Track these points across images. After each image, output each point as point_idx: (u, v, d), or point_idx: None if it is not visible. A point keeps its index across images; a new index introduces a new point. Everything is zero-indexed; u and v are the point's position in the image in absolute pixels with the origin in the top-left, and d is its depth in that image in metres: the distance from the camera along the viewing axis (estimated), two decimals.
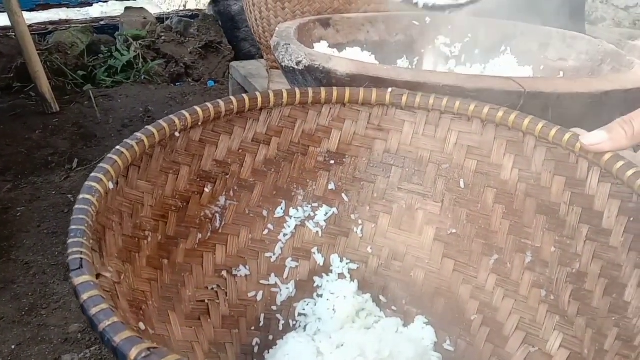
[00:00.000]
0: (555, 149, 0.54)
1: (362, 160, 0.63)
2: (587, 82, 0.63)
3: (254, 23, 1.20)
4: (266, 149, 0.60)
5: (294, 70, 0.73)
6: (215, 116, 0.56)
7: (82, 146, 1.54)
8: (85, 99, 1.81)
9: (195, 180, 0.56)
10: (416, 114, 0.61)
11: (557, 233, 0.52)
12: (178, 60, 2.11)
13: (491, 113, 0.57)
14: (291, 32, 0.85)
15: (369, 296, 0.60)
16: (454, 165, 0.60)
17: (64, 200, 1.29)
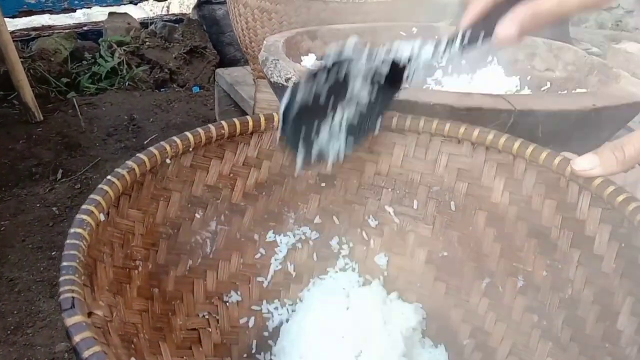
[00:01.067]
0: (546, 173, 0.54)
1: (352, 182, 0.62)
2: (577, 99, 0.63)
3: (240, 33, 1.20)
4: (257, 172, 0.60)
5: (283, 87, 0.73)
6: (206, 141, 0.55)
7: (67, 156, 1.52)
8: (69, 107, 1.79)
9: (186, 206, 0.55)
10: (406, 137, 0.61)
11: (548, 257, 0.52)
12: (163, 66, 2.10)
13: (481, 136, 0.57)
14: (279, 45, 0.85)
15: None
16: (445, 188, 0.60)
17: (48, 213, 1.28)
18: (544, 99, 0.62)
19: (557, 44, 0.94)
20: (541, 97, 0.62)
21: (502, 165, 0.57)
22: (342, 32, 0.99)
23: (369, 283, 0.61)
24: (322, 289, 0.60)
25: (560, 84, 0.90)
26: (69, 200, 1.33)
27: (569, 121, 0.62)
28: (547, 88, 0.92)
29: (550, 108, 0.60)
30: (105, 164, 1.49)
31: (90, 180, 1.42)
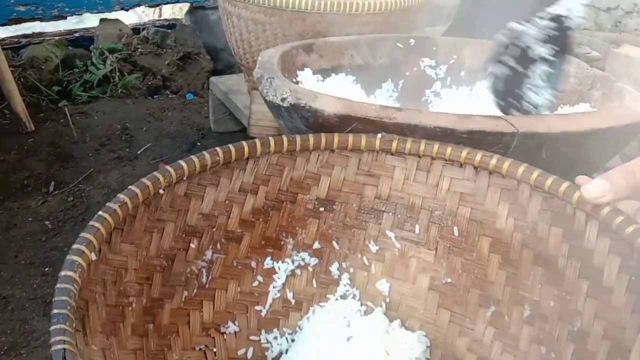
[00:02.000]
0: (552, 199, 0.52)
1: (352, 206, 0.61)
2: (581, 119, 0.62)
3: (234, 44, 1.18)
4: (254, 198, 0.58)
5: (278, 107, 0.71)
6: (200, 169, 0.54)
7: (59, 167, 1.50)
8: (61, 116, 1.76)
9: (181, 236, 0.53)
10: (407, 160, 0.60)
11: (555, 287, 0.51)
12: (155, 73, 2.07)
13: (484, 160, 0.56)
14: (274, 62, 0.83)
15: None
16: (447, 212, 0.59)
17: (41, 227, 1.25)
18: (547, 120, 0.60)
19: None
20: (544, 118, 0.61)
21: (506, 191, 0.56)
22: (338, 45, 0.98)
23: (371, 311, 0.59)
24: (322, 317, 0.59)
25: (562, 97, 0.89)
26: (61, 214, 1.30)
27: (573, 142, 0.61)
28: None
29: (554, 130, 0.59)
30: (98, 175, 1.47)
31: (83, 192, 1.39)
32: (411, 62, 1.02)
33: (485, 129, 0.58)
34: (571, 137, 0.60)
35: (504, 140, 0.59)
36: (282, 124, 0.78)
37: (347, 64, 0.98)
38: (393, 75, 1.01)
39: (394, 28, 1.09)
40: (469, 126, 0.58)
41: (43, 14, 2.04)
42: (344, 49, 0.98)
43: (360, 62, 0.99)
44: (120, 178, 1.46)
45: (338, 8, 1.01)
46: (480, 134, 0.58)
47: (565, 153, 0.62)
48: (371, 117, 0.60)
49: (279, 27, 1.05)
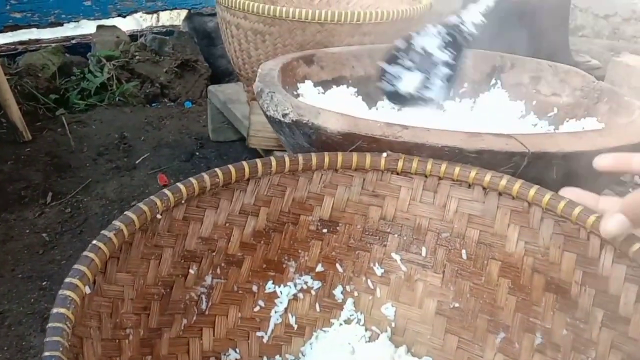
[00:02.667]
0: (564, 223, 0.51)
1: (356, 228, 0.59)
2: (593, 138, 0.60)
3: (233, 54, 1.16)
4: (255, 220, 0.56)
5: (279, 122, 0.69)
6: (199, 191, 0.52)
7: (56, 177, 1.48)
8: (58, 125, 1.74)
9: (179, 262, 0.51)
10: (413, 180, 0.58)
11: (568, 315, 0.49)
12: (153, 80, 2.05)
13: (493, 181, 0.54)
14: (275, 75, 0.81)
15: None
16: (455, 234, 0.57)
17: (38, 239, 1.23)
18: (558, 139, 0.58)
19: (563, 68, 0.91)
20: (555, 137, 0.59)
21: (516, 213, 0.54)
22: (339, 56, 0.96)
23: (376, 336, 0.57)
24: (325, 343, 0.57)
25: (568, 111, 0.87)
26: (59, 226, 1.28)
27: (584, 162, 0.59)
28: (554, 114, 0.89)
29: (565, 150, 0.57)
30: (96, 186, 1.44)
31: (81, 203, 1.37)
32: None
33: (494, 149, 0.56)
34: (582, 156, 0.58)
35: (514, 160, 0.57)
36: (283, 139, 0.76)
37: (348, 75, 0.97)
38: None
39: (395, 38, 1.07)
40: (478, 145, 0.56)
41: (39, 20, 2.02)
42: (345, 59, 0.97)
43: (361, 73, 0.98)
44: (119, 189, 1.44)
45: (339, 18, 1.00)
46: (490, 154, 0.57)
47: (575, 172, 0.60)
48: (376, 136, 0.59)
49: (278, 37, 1.04)
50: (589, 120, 0.82)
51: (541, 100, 0.91)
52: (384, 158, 0.58)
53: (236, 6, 1.03)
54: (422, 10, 1.09)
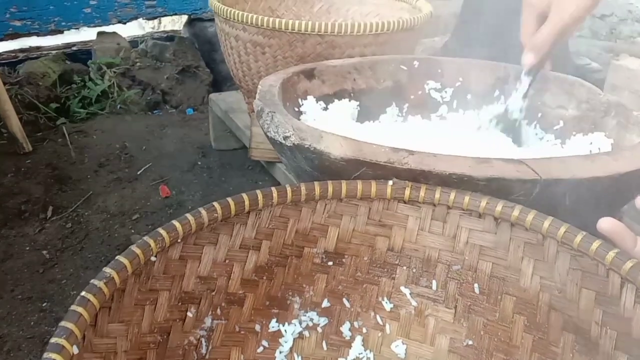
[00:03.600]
0: (582, 258, 0.48)
1: (363, 260, 0.56)
2: (607, 163, 0.57)
3: (232, 66, 1.13)
4: (256, 255, 0.54)
5: (281, 144, 0.67)
6: (197, 228, 0.49)
7: (57, 190, 1.45)
8: (59, 135, 1.72)
9: (176, 305, 0.49)
10: (421, 209, 0.55)
11: (589, 357, 0.46)
12: (155, 87, 2.03)
13: (505, 211, 0.52)
14: (275, 92, 0.78)
15: None
16: (466, 267, 0.54)
17: (38, 257, 1.21)
18: (570, 164, 0.55)
19: (568, 79, 0.88)
20: (567, 161, 0.56)
21: (530, 245, 0.51)
22: (340, 69, 0.93)
23: None
24: None
25: (574, 124, 0.84)
26: (59, 242, 1.26)
27: (597, 187, 0.56)
28: (560, 127, 0.86)
29: (579, 176, 0.54)
30: (97, 199, 1.42)
31: (82, 217, 1.35)
32: (416, 85, 0.97)
33: (505, 176, 0.54)
34: (595, 182, 0.55)
35: (525, 187, 0.54)
36: (285, 160, 0.74)
37: (350, 89, 0.94)
38: (397, 99, 0.96)
39: (396, 48, 1.05)
40: (488, 173, 0.54)
41: (39, 28, 2.00)
42: (346, 72, 0.94)
43: (363, 86, 0.95)
44: (120, 201, 1.41)
45: (339, 30, 0.97)
46: (500, 181, 0.54)
47: (589, 198, 0.57)
48: (381, 162, 0.56)
49: (278, 50, 1.01)
50: (597, 135, 0.79)
51: (546, 113, 0.88)
52: (390, 186, 0.55)
53: (235, 18, 1.00)
54: (423, 20, 1.06)
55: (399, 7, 1.28)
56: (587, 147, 0.79)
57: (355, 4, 1.36)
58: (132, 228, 1.31)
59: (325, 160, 0.60)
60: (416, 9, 1.21)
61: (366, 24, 0.98)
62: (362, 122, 0.93)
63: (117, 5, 2.07)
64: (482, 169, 0.54)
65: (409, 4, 1.24)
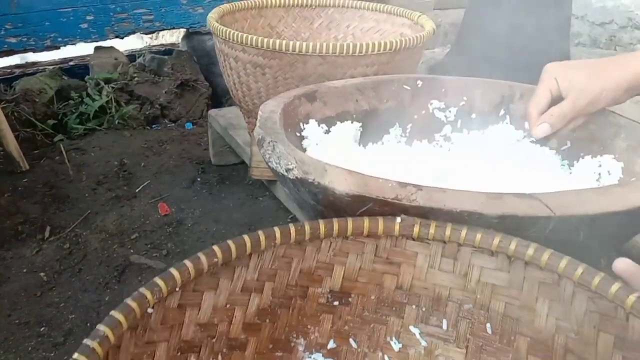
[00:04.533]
0: (600, 300, 0.46)
1: (370, 298, 0.54)
2: (621, 195, 0.55)
3: (232, 87, 1.12)
4: (258, 297, 0.51)
5: (283, 176, 0.65)
6: (196, 274, 0.47)
7: (55, 210, 1.43)
8: (56, 152, 1.70)
9: (176, 355, 0.47)
10: (430, 245, 0.53)
11: None
12: (153, 102, 2.01)
13: (519, 250, 0.50)
14: (276, 119, 0.77)
15: None
16: (478, 306, 0.52)
17: (35, 280, 1.19)
18: (585, 199, 0.54)
19: None
20: (581, 195, 0.54)
21: (545, 285, 0.49)
22: (342, 90, 0.91)
23: None
24: None
25: (582, 145, 0.82)
26: (57, 264, 1.24)
27: (611, 222, 0.54)
28: (567, 147, 0.84)
29: (592, 211, 0.52)
30: (95, 218, 1.40)
31: (80, 237, 1.33)
32: (419, 105, 0.95)
33: (518, 213, 0.52)
34: (610, 216, 0.53)
35: (538, 225, 0.52)
36: (287, 192, 0.72)
37: (352, 110, 0.92)
38: (401, 119, 0.95)
39: (399, 66, 1.03)
40: (500, 210, 0.52)
41: (35, 44, 1.98)
42: (348, 93, 0.92)
43: (366, 107, 0.93)
44: (119, 220, 1.39)
45: (341, 50, 0.95)
46: (513, 218, 0.52)
47: (603, 233, 0.56)
48: (388, 199, 0.54)
49: (279, 71, 0.99)
50: (606, 158, 0.78)
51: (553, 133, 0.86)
52: (398, 224, 0.53)
53: (234, 39, 0.99)
54: (426, 38, 1.04)
55: (400, 23, 1.26)
56: (596, 170, 0.78)
57: (355, 20, 1.34)
58: (131, 248, 1.29)
59: (329, 195, 0.58)
60: (418, 25, 1.19)
61: (368, 44, 0.96)
62: (366, 145, 0.91)
63: (114, 20, 2.05)
64: (493, 206, 0.52)
65: (411, 19, 1.22)
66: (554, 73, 0.78)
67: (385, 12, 1.30)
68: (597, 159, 0.78)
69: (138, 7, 2.09)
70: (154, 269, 1.21)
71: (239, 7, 1.27)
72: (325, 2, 1.35)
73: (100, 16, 2.03)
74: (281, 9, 1.34)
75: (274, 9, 1.34)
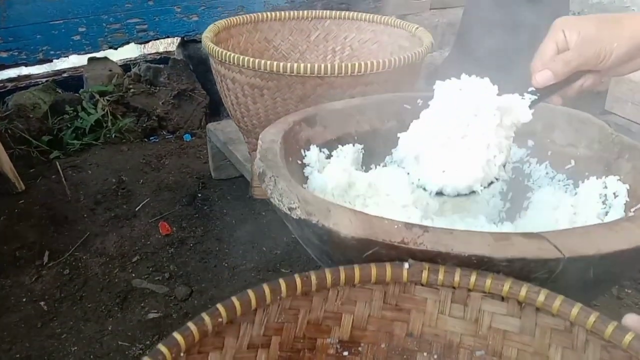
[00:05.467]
0: (614, 350, 0.45)
1: (380, 347, 0.53)
2: (631, 231, 0.54)
3: (230, 107, 1.10)
4: (265, 352, 0.50)
5: (286, 215, 0.63)
6: (200, 337, 0.46)
7: (53, 233, 1.42)
8: (52, 171, 1.68)
9: None
10: (440, 291, 0.52)
11: None
12: (150, 113, 1.99)
13: (530, 296, 0.49)
14: (276, 149, 0.76)
15: None
16: (491, 352, 0.51)
17: (36, 310, 1.17)
18: (595, 237, 0.53)
19: (578, 116, 0.85)
20: (591, 234, 0.53)
21: (557, 332, 0.48)
22: (342, 112, 0.90)
23: None
24: None
25: (587, 165, 0.81)
26: (57, 291, 1.22)
27: (622, 260, 0.53)
28: (571, 167, 0.83)
29: (604, 251, 0.51)
30: (94, 240, 1.39)
31: (80, 262, 1.31)
32: None
33: (527, 257, 0.51)
34: (620, 255, 0.52)
35: (548, 267, 0.51)
36: (291, 228, 0.70)
37: (353, 131, 0.91)
38: None
39: (398, 83, 1.02)
40: (509, 253, 0.51)
41: (27, 58, 1.95)
42: (348, 115, 0.91)
43: (367, 128, 0.92)
44: (119, 242, 1.38)
45: (339, 71, 0.94)
46: (522, 261, 0.51)
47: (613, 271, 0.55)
48: (395, 243, 0.53)
49: (277, 92, 0.98)
50: (611, 179, 0.76)
51: (556, 151, 0.86)
52: (406, 270, 0.52)
53: (230, 61, 0.97)
54: (424, 53, 1.03)
55: (397, 35, 1.25)
56: (602, 191, 0.77)
57: (353, 32, 1.33)
58: (132, 271, 1.28)
59: (334, 238, 0.57)
60: (416, 38, 1.18)
61: (367, 63, 0.95)
62: (368, 167, 0.90)
63: (107, 31, 2.02)
64: (502, 248, 0.51)
65: (408, 31, 1.21)
66: (562, 25, 0.72)
67: (382, 24, 1.29)
68: (602, 180, 0.77)
69: (131, 16, 2.06)
70: (157, 293, 1.20)
71: (234, 22, 1.25)
72: (321, 14, 1.34)
73: (93, 27, 2.01)
74: (277, 22, 1.33)
75: (270, 22, 1.32)
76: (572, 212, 0.74)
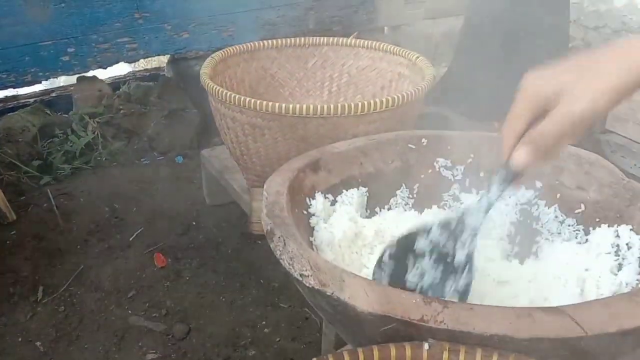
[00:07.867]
0: None
1: None
2: None
3: (230, 145, 1.08)
4: None
5: (298, 280, 0.62)
6: None
7: (46, 265, 1.39)
8: (43, 199, 1.65)
9: None
10: None
11: None
12: (140, 135, 1.96)
13: None
14: (283, 203, 0.75)
15: None
16: None
17: (32, 351, 1.14)
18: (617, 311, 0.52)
19: (587, 158, 0.84)
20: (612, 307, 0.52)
21: None
22: (345, 154, 0.88)
23: None
24: None
25: (597, 210, 0.80)
26: (53, 330, 1.19)
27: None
28: (582, 211, 0.82)
29: (626, 327, 0.50)
30: (89, 273, 1.36)
31: (75, 297, 1.28)
32: (425, 164, 0.93)
33: (549, 336, 0.49)
34: None
35: (570, 343, 0.50)
36: (302, 291, 0.68)
37: (357, 174, 0.90)
38: (407, 179, 0.92)
39: (401, 120, 1.00)
40: (531, 332, 0.49)
41: (15, 81, 1.91)
42: (352, 157, 0.89)
43: (371, 170, 0.90)
44: (114, 275, 1.35)
45: (342, 111, 0.92)
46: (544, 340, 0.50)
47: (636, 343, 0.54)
48: (414, 320, 0.51)
49: (279, 132, 0.96)
50: (623, 229, 0.75)
51: (565, 194, 0.84)
52: (427, 351, 0.50)
53: (231, 101, 0.95)
54: (426, 88, 1.02)
55: (397, 62, 1.23)
56: (614, 241, 0.75)
57: (350, 58, 1.31)
58: (128, 308, 1.25)
59: (350, 312, 0.55)
60: (416, 67, 1.17)
61: (370, 102, 0.94)
62: (373, 209, 0.89)
63: (96, 51, 1.98)
64: (523, 326, 0.50)
65: (408, 59, 1.20)
66: (533, 83, 0.56)
67: (381, 50, 1.27)
68: (613, 229, 0.76)
69: (121, 35, 2.02)
70: (155, 331, 1.18)
71: (230, 52, 1.23)
72: (318, 41, 1.32)
73: (82, 47, 1.97)
74: (273, 50, 1.31)
75: (267, 50, 1.30)
76: (584, 269, 0.72)
